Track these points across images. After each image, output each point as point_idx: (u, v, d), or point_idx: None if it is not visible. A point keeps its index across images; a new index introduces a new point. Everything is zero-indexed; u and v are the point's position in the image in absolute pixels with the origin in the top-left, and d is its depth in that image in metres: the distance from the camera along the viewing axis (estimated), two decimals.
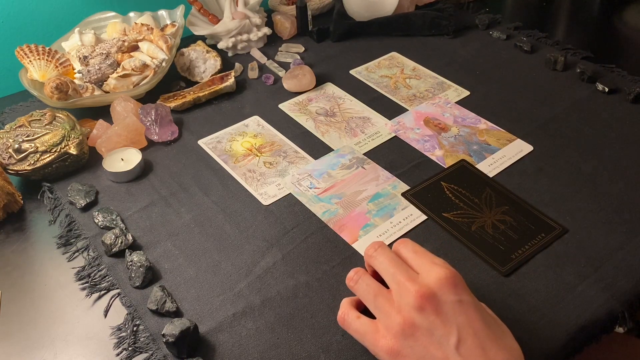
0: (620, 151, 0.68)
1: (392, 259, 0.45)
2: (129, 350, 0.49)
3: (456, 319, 0.41)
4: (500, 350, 0.41)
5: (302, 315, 0.52)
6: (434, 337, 0.41)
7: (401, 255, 0.46)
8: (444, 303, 0.41)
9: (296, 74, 0.81)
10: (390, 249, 0.46)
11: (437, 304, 0.41)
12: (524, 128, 0.72)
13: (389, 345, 0.42)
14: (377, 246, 0.46)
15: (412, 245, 0.46)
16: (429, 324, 0.41)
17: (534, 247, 0.57)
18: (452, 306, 0.41)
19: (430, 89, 0.81)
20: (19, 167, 0.65)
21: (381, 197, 0.63)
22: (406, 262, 0.45)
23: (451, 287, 0.42)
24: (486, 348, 0.40)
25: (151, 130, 0.73)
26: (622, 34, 0.95)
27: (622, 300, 0.51)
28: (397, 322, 0.42)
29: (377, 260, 0.46)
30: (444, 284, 0.41)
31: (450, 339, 0.40)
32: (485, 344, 0.41)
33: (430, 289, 0.41)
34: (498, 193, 0.63)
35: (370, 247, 0.47)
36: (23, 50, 0.78)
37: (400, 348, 0.42)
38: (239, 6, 0.90)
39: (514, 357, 0.41)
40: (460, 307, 0.41)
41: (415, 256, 0.45)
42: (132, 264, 0.55)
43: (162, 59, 0.81)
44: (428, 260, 0.44)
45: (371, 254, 0.46)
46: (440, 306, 0.41)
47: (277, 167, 0.69)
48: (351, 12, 0.96)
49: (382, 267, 0.45)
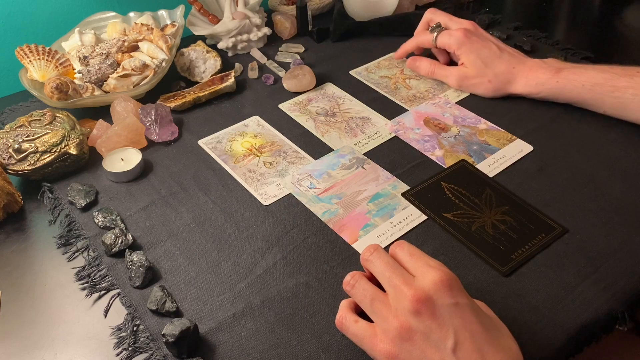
0: (620, 151, 0.68)
1: (387, 263, 0.45)
2: (129, 350, 0.50)
3: (452, 322, 0.41)
4: (497, 352, 0.41)
5: (302, 315, 0.52)
6: (430, 340, 0.41)
7: (397, 258, 0.46)
8: (440, 306, 0.41)
9: (296, 74, 0.81)
10: (386, 252, 0.46)
11: (433, 307, 0.41)
12: (524, 128, 0.72)
13: (387, 350, 0.43)
14: (373, 249, 0.46)
15: (409, 247, 0.46)
16: (425, 328, 0.41)
17: (534, 247, 0.57)
18: (448, 309, 0.41)
19: (430, 89, 0.81)
20: (19, 167, 0.65)
21: (381, 197, 0.63)
22: (402, 265, 0.45)
23: (447, 290, 0.42)
24: (483, 350, 0.41)
25: (151, 130, 0.73)
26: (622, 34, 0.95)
27: (622, 300, 0.51)
28: (394, 326, 0.42)
29: (373, 264, 0.46)
30: (440, 287, 0.42)
31: (447, 343, 0.41)
32: (482, 346, 0.41)
33: (426, 292, 0.42)
34: (498, 193, 0.63)
35: (366, 250, 0.47)
36: (23, 50, 0.78)
37: (398, 352, 0.42)
38: (239, 6, 0.90)
39: (511, 359, 0.42)
40: (456, 310, 0.41)
41: (411, 259, 0.45)
42: (132, 264, 0.55)
43: (162, 59, 0.81)
44: (424, 262, 0.44)
45: (367, 258, 0.46)
46: (436, 309, 0.41)
47: (277, 167, 0.69)
48: (351, 12, 0.96)
49: (378, 270, 0.45)
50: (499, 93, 0.76)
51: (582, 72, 0.70)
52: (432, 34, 0.79)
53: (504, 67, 0.74)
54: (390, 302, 0.43)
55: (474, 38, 0.76)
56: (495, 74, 0.74)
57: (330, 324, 0.50)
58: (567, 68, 0.71)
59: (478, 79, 0.76)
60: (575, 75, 0.70)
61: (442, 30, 0.79)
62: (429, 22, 0.82)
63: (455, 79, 0.78)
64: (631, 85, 0.66)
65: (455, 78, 0.77)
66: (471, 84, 0.77)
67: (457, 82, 0.78)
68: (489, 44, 0.76)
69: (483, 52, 0.75)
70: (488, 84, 0.75)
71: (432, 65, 0.80)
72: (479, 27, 0.78)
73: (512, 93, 0.75)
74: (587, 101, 0.71)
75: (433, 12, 0.82)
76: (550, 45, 0.88)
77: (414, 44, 0.82)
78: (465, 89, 0.78)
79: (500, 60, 0.75)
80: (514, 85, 0.75)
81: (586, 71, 0.70)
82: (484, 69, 0.75)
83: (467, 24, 0.78)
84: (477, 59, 0.75)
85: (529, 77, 0.73)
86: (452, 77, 0.78)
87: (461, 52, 0.76)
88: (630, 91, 0.66)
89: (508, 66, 0.74)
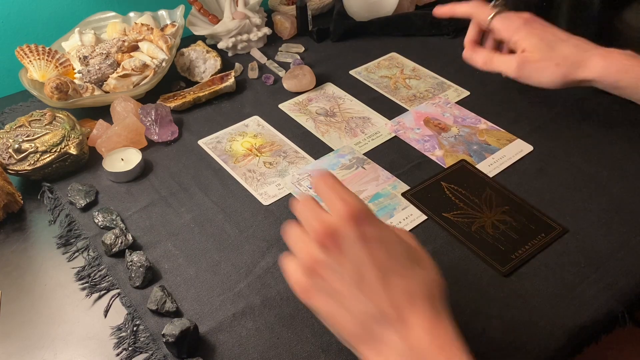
0: (620, 151, 0.68)
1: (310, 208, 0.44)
2: (129, 350, 0.50)
3: (358, 255, 0.40)
4: (404, 281, 0.41)
5: (302, 315, 0.52)
6: (337, 273, 0.41)
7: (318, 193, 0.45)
8: (345, 239, 0.41)
9: (296, 74, 0.81)
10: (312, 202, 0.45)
11: (339, 241, 0.41)
12: (524, 128, 0.72)
13: (301, 284, 0.42)
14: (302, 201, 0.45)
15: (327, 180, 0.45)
16: (332, 261, 0.41)
17: (534, 247, 0.57)
18: (353, 242, 0.41)
19: (430, 89, 0.81)
20: (19, 167, 0.65)
21: (381, 197, 0.63)
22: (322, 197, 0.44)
23: (352, 223, 0.41)
24: (389, 281, 0.40)
25: (151, 130, 0.73)
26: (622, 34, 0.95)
27: (622, 300, 0.51)
28: (304, 260, 0.42)
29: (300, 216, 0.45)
30: (346, 220, 0.41)
31: (352, 275, 0.40)
32: (388, 277, 0.40)
33: (332, 226, 0.41)
34: (498, 193, 0.63)
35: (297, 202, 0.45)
36: (23, 50, 0.78)
37: (310, 286, 0.42)
38: (239, 6, 0.90)
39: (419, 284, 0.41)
40: (362, 243, 0.41)
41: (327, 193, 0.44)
42: (132, 264, 0.55)
43: (162, 59, 0.81)
44: (336, 196, 0.43)
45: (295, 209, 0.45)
46: (341, 242, 0.41)
47: (277, 167, 0.69)
48: (351, 12, 0.96)
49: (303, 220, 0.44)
50: (568, 79, 0.64)
51: None
52: (492, 10, 0.68)
53: (574, 49, 0.64)
54: (305, 237, 0.43)
55: (535, 24, 0.67)
56: (564, 56, 0.64)
57: None
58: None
59: (543, 62, 0.65)
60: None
61: (504, 10, 0.69)
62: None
63: (516, 65, 0.66)
64: None
65: (516, 64, 0.66)
66: (535, 68, 0.65)
67: (517, 69, 0.66)
68: (552, 29, 0.67)
69: (546, 36, 0.65)
70: (555, 67, 0.64)
71: (489, 53, 0.70)
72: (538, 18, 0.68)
73: (585, 79, 0.64)
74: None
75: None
76: None
77: (468, 11, 0.71)
78: (527, 76, 0.66)
79: (567, 44, 0.65)
80: (587, 69, 0.63)
81: None
82: (550, 52, 0.64)
83: (526, 14, 0.68)
84: (540, 41, 0.65)
85: (608, 60, 0.63)
86: (512, 63, 0.66)
87: (519, 37, 0.66)
88: None
89: (579, 49, 0.64)
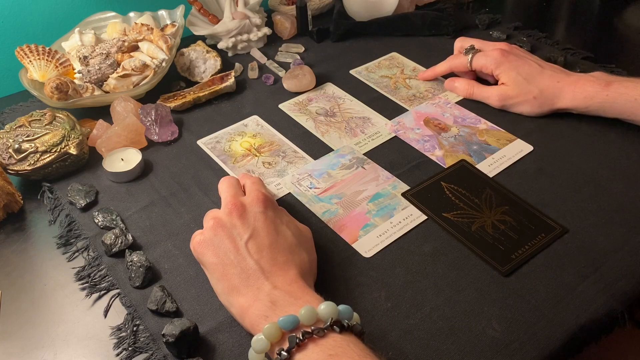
0: (620, 151, 0.68)
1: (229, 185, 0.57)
2: (129, 351, 0.49)
3: (254, 223, 0.51)
4: (282, 255, 0.50)
5: None
6: (231, 234, 0.51)
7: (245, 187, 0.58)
8: (249, 212, 0.52)
9: (296, 74, 0.81)
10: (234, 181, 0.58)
11: (243, 211, 0.52)
12: (524, 128, 0.72)
13: (197, 240, 0.52)
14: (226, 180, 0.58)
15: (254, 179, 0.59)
16: (232, 224, 0.51)
17: (534, 247, 0.57)
18: (254, 214, 0.52)
19: (430, 89, 0.81)
20: (19, 167, 0.65)
21: (381, 197, 0.63)
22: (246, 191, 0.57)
23: (260, 203, 0.53)
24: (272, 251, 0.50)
25: (151, 130, 0.73)
26: (622, 34, 0.95)
27: (622, 300, 0.51)
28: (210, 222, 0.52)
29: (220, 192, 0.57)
30: (256, 201, 0.53)
31: (244, 236, 0.50)
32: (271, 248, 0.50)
33: (242, 202, 0.53)
34: (498, 193, 0.63)
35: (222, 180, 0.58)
36: (23, 50, 0.78)
37: (206, 240, 0.52)
38: (239, 6, 0.90)
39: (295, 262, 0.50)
40: (261, 217, 0.52)
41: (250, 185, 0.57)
42: (132, 264, 0.55)
43: (162, 59, 0.81)
44: (256, 188, 0.56)
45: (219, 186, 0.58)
46: (245, 213, 0.52)
47: (276, 167, 0.69)
48: (351, 12, 0.96)
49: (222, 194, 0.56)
50: (545, 109, 0.72)
51: (634, 86, 0.66)
52: (467, 56, 0.77)
53: (548, 81, 0.71)
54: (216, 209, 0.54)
55: (512, 56, 0.74)
56: (540, 89, 0.71)
57: None
58: (617, 81, 0.68)
59: (522, 97, 0.72)
60: (626, 89, 0.67)
61: (477, 52, 0.77)
62: (460, 49, 0.80)
63: (497, 98, 0.74)
64: None
65: (497, 97, 0.74)
66: (515, 102, 0.73)
67: (499, 101, 0.74)
68: (528, 61, 0.73)
69: (524, 69, 0.72)
70: (533, 100, 0.72)
71: (470, 86, 0.77)
72: (514, 47, 0.76)
73: (559, 108, 0.72)
74: (638, 116, 0.67)
75: (463, 39, 0.80)
76: (550, 45, 0.88)
77: (447, 67, 0.80)
78: (509, 108, 0.74)
79: (542, 76, 0.72)
80: (560, 100, 0.71)
81: (639, 85, 0.67)
82: (527, 86, 0.72)
83: (502, 45, 0.76)
84: (517, 75, 0.72)
85: (575, 91, 0.70)
86: (494, 97, 0.74)
87: (500, 70, 0.73)
88: None
89: (552, 80, 0.71)
